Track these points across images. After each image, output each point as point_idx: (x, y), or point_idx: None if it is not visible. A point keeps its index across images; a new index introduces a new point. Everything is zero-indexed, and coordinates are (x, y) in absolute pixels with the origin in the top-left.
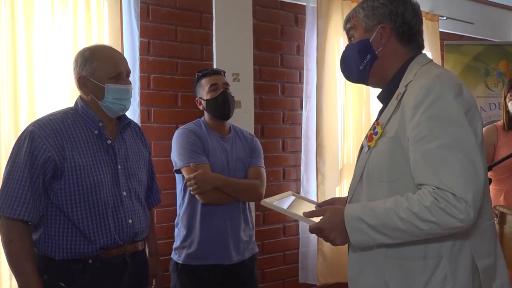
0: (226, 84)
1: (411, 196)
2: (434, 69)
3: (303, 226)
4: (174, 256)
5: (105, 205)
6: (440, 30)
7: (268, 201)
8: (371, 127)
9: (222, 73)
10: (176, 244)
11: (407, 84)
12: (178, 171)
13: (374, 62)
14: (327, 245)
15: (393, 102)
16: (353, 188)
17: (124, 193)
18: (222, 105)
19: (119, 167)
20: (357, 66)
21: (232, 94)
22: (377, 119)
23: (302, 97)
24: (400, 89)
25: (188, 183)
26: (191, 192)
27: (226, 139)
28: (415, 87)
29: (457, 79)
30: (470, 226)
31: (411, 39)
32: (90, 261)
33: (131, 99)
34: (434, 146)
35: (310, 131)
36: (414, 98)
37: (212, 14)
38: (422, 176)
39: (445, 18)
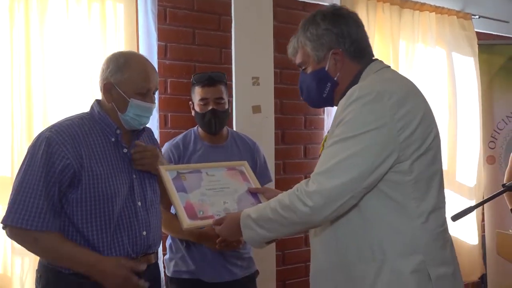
0: (219, 98)
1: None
2: (374, 76)
3: None
4: (166, 269)
5: (120, 216)
6: None
7: (164, 168)
8: None
9: (221, 80)
10: (167, 256)
11: None
12: None
13: (335, 87)
14: None
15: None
16: None
17: (139, 203)
18: (208, 123)
19: (134, 176)
20: (320, 95)
21: (225, 108)
22: None
23: None
24: None
25: None
26: None
27: (218, 148)
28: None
29: (377, 87)
30: (323, 217)
31: (363, 53)
32: None
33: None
34: (329, 143)
35: None
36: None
37: (231, 16)
38: None
39: (477, 17)
